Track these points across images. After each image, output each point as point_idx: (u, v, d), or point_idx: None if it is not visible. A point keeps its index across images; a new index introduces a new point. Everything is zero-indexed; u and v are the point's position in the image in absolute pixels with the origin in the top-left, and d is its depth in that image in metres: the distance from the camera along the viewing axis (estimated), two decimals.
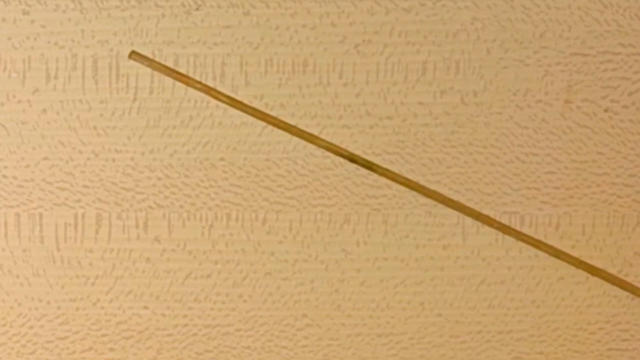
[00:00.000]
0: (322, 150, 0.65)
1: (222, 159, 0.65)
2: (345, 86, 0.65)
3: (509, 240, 0.67)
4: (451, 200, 0.66)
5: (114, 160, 0.65)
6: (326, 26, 0.64)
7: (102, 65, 0.64)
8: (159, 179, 0.65)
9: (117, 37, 0.64)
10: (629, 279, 0.68)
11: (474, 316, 0.68)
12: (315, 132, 0.65)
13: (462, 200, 0.67)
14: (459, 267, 0.67)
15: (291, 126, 0.65)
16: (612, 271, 0.68)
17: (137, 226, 0.66)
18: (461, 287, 0.67)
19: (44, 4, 0.63)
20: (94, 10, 0.63)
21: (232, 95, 0.65)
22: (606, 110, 0.66)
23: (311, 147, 0.65)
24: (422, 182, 0.66)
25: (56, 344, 0.67)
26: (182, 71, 0.64)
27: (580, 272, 0.68)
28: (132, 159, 0.65)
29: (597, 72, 0.66)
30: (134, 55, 0.64)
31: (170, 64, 0.64)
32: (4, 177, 0.65)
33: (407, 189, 0.66)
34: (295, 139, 0.65)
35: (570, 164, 0.67)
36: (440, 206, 0.66)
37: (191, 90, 0.64)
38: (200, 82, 0.64)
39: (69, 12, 0.63)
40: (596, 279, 0.68)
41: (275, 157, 0.65)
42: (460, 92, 0.66)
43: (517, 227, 0.67)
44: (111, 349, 0.67)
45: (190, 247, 0.66)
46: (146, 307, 0.66)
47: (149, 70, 0.64)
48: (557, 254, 0.67)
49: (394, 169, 0.66)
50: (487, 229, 0.67)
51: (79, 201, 0.65)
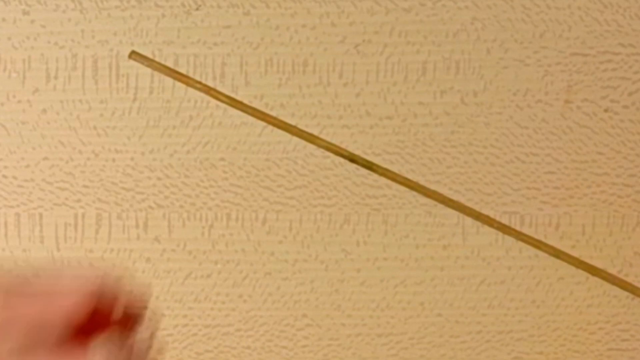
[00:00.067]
0: (322, 150, 0.65)
1: (222, 159, 0.65)
2: (345, 86, 0.65)
3: (509, 240, 0.67)
4: (451, 200, 0.66)
5: (114, 160, 0.65)
6: (326, 26, 0.64)
7: (102, 65, 0.64)
8: (159, 179, 0.65)
9: (117, 37, 0.64)
10: (629, 279, 0.68)
11: (474, 316, 0.68)
12: (315, 132, 0.65)
13: (462, 200, 0.66)
14: (459, 267, 0.67)
15: (291, 126, 0.65)
16: (612, 271, 0.68)
17: (137, 226, 0.66)
18: (461, 287, 0.67)
19: (44, 4, 0.63)
20: (94, 10, 0.63)
21: (232, 95, 0.65)
22: (606, 110, 0.66)
23: (311, 147, 0.65)
24: (422, 182, 0.66)
25: None
26: (182, 71, 0.64)
27: (580, 272, 0.68)
28: (132, 159, 0.65)
29: (597, 72, 0.66)
30: (134, 55, 0.64)
31: (170, 64, 0.64)
32: (4, 177, 0.65)
33: (407, 189, 0.66)
34: (295, 139, 0.65)
35: (570, 164, 0.67)
36: (440, 206, 0.66)
37: (191, 90, 0.64)
38: (200, 82, 0.64)
39: (69, 12, 0.63)
40: (596, 279, 0.68)
41: (275, 157, 0.65)
42: (460, 92, 0.66)
43: (517, 227, 0.67)
44: None
45: (190, 247, 0.66)
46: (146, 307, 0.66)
47: (149, 70, 0.64)
48: (557, 254, 0.67)
49: (394, 169, 0.66)
50: (487, 229, 0.67)
51: (79, 201, 0.65)
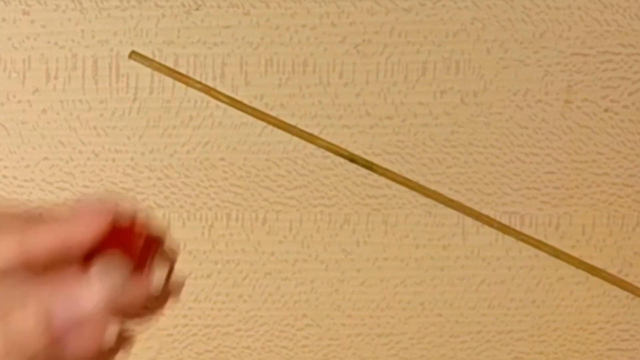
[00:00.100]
0: (322, 150, 0.65)
1: (222, 159, 0.65)
2: (345, 86, 0.65)
3: (509, 240, 0.67)
4: (451, 200, 0.66)
5: (114, 160, 0.65)
6: (326, 26, 0.64)
7: (102, 65, 0.64)
8: (159, 179, 0.65)
9: (117, 37, 0.64)
10: (629, 279, 0.68)
11: (474, 316, 0.68)
12: (315, 132, 0.65)
13: (462, 200, 0.67)
14: (459, 267, 0.67)
15: (291, 126, 0.65)
16: (612, 271, 0.68)
17: None
18: (461, 287, 0.67)
19: (44, 4, 0.63)
20: (94, 10, 0.63)
21: (232, 95, 0.65)
22: (606, 110, 0.66)
23: (311, 147, 0.65)
24: (422, 182, 0.66)
25: None
26: (182, 71, 0.64)
27: (580, 272, 0.68)
28: (132, 159, 0.65)
29: (597, 72, 0.66)
30: (134, 55, 0.64)
31: (170, 64, 0.64)
32: (4, 177, 0.65)
33: (407, 189, 0.66)
34: (295, 139, 0.65)
35: (570, 164, 0.67)
36: (440, 206, 0.66)
37: (191, 90, 0.64)
38: (200, 82, 0.64)
39: (69, 12, 0.63)
40: (596, 279, 0.68)
41: (275, 157, 0.65)
42: (460, 92, 0.66)
43: (517, 227, 0.67)
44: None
45: (190, 247, 0.66)
46: (146, 307, 0.66)
47: (149, 70, 0.64)
48: (557, 254, 0.67)
49: (394, 169, 0.66)
50: (487, 229, 0.67)
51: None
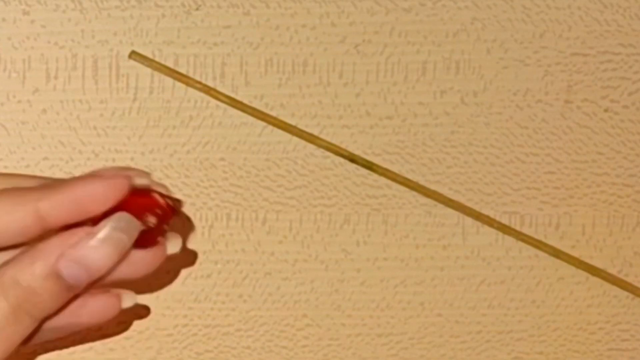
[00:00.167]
0: (322, 150, 0.65)
1: (222, 159, 0.65)
2: (345, 86, 0.65)
3: (509, 240, 0.67)
4: (451, 200, 0.66)
5: (114, 160, 0.65)
6: (326, 26, 0.64)
7: (102, 65, 0.64)
8: (159, 179, 0.65)
9: (117, 37, 0.64)
10: (629, 279, 0.68)
11: (474, 316, 0.68)
12: (315, 132, 0.65)
13: (462, 200, 0.66)
14: (459, 267, 0.67)
15: (291, 126, 0.65)
16: (612, 271, 0.68)
17: None
18: (461, 287, 0.67)
19: (44, 4, 0.63)
20: (94, 10, 0.63)
21: (232, 95, 0.64)
22: (606, 110, 0.66)
23: (311, 147, 0.65)
24: (422, 182, 0.66)
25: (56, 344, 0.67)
26: (182, 71, 0.64)
27: (580, 272, 0.68)
28: (132, 159, 0.65)
29: (597, 72, 0.66)
30: (134, 55, 0.64)
31: (170, 64, 0.64)
32: None
33: (407, 189, 0.66)
34: (295, 139, 0.65)
35: (570, 164, 0.67)
36: (440, 206, 0.66)
37: (191, 90, 0.64)
38: (200, 82, 0.64)
39: (69, 12, 0.63)
40: (596, 279, 0.68)
41: (275, 157, 0.65)
42: (460, 92, 0.66)
43: (517, 227, 0.67)
44: (111, 349, 0.67)
45: (190, 247, 0.66)
46: (146, 307, 0.66)
47: (149, 70, 0.64)
48: (557, 254, 0.67)
49: (394, 169, 0.66)
50: (487, 229, 0.67)
51: None
